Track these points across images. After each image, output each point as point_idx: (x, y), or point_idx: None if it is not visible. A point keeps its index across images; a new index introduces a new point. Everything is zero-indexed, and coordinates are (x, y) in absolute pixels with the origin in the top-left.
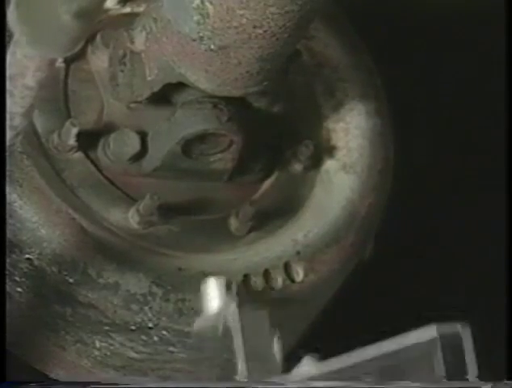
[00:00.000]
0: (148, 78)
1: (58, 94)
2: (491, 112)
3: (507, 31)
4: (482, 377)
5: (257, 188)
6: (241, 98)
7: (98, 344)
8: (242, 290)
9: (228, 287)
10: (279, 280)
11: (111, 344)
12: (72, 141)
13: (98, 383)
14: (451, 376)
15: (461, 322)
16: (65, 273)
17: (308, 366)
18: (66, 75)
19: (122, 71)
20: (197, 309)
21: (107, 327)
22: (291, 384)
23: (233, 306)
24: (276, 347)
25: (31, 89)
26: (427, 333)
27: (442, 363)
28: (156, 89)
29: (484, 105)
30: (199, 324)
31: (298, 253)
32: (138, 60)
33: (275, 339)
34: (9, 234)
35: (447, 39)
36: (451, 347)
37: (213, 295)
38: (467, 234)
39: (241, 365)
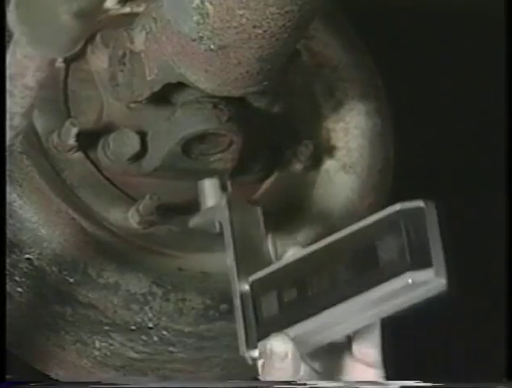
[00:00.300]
0: (148, 78)
1: (58, 94)
2: (491, 112)
3: (507, 31)
4: (482, 377)
5: (257, 188)
6: (240, 98)
7: (98, 344)
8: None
9: (223, 186)
10: None
11: (111, 344)
12: (72, 141)
13: (98, 383)
14: (413, 248)
15: (426, 200)
16: (65, 273)
17: (293, 251)
18: (66, 75)
19: (122, 71)
20: (197, 309)
21: (107, 327)
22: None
23: (224, 200)
24: (269, 243)
25: (31, 89)
26: (393, 209)
27: (405, 235)
28: (156, 89)
29: (484, 105)
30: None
31: None
32: (138, 60)
33: (269, 235)
34: (9, 234)
35: (447, 39)
36: (413, 220)
37: (208, 193)
38: (468, 233)
39: (229, 260)
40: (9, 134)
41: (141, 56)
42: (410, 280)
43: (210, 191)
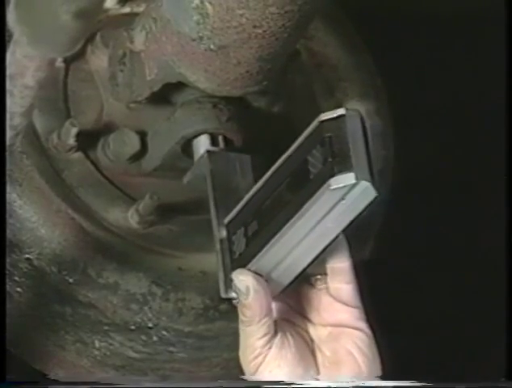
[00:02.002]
0: (148, 78)
1: (58, 93)
2: (491, 112)
3: (507, 31)
4: (482, 377)
5: None
6: (240, 98)
7: (97, 344)
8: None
9: (214, 142)
10: None
11: (111, 344)
12: (71, 141)
13: (98, 383)
14: (335, 156)
15: (352, 109)
16: (65, 273)
17: None
18: (66, 75)
19: (121, 71)
20: (197, 309)
21: (106, 327)
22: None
23: (205, 153)
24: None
25: (30, 89)
26: (316, 121)
27: (328, 145)
28: (155, 89)
29: (484, 105)
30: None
31: None
32: (138, 60)
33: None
34: (8, 234)
35: (447, 39)
36: (334, 129)
37: (199, 149)
38: (468, 233)
39: (211, 209)
40: (9, 134)
41: (141, 56)
42: (332, 186)
43: (201, 148)
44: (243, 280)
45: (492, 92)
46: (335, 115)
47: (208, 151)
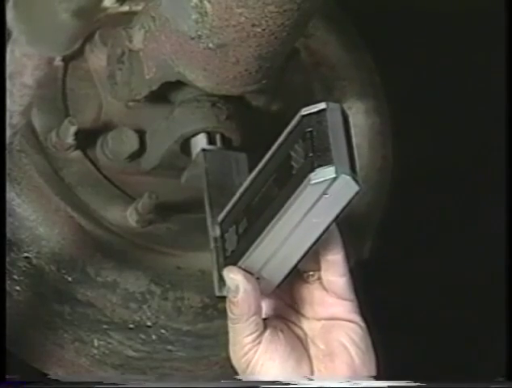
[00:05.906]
0: (147, 77)
1: (56, 92)
2: (491, 111)
3: (507, 31)
4: (482, 377)
5: None
6: (239, 96)
7: (96, 343)
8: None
9: (211, 141)
10: None
11: (110, 343)
12: (70, 140)
13: (98, 383)
14: (316, 150)
15: (333, 102)
16: (64, 272)
17: None
18: (64, 74)
19: (120, 70)
20: (196, 308)
21: (105, 326)
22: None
23: (201, 152)
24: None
25: (29, 87)
26: (298, 115)
27: (309, 139)
28: (154, 87)
29: (484, 104)
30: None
31: None
32: (136, 58)
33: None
34: (7, 233)
35: (447, 38)
36: (315, 123)
37: (198, 148)
38: (467, 233)
39: (206, 207)
40: (7, 132)
41: (140, 55)
42: (312, 181)
43: (199, 146)
44: (233, 278)
45: (492, 91)
46: (316, 109)
47: (204, 150)
